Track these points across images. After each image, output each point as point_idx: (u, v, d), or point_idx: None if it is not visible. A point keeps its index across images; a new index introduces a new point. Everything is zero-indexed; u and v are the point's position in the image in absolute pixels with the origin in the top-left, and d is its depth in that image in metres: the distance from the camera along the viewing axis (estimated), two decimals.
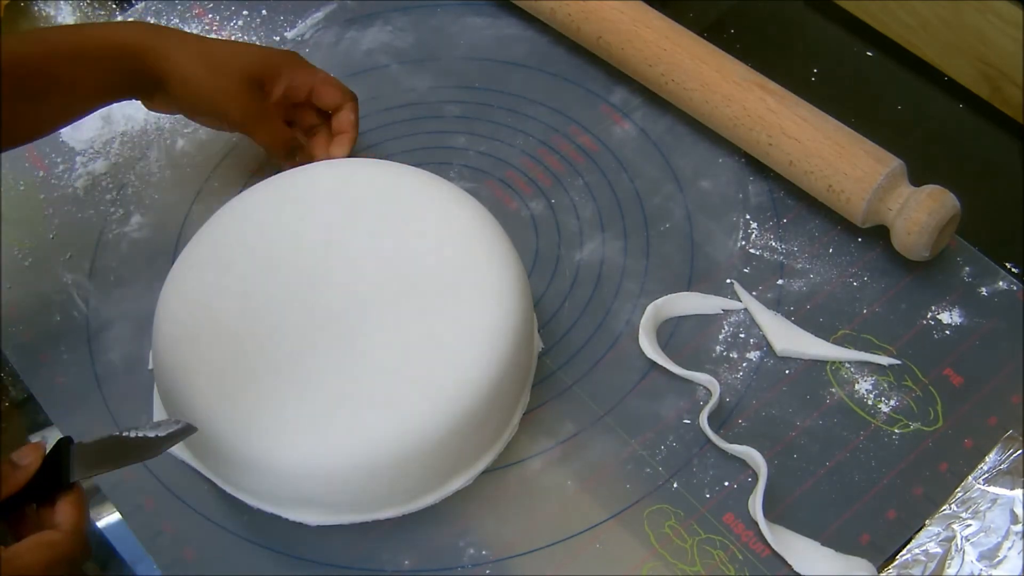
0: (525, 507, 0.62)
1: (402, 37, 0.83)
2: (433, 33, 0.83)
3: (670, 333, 0.68)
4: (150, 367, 0.67)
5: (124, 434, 0.55)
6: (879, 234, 0.69)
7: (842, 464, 0.62)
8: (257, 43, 0.83)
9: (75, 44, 0.65)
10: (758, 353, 0.66)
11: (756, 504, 0.60)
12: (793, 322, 0.67)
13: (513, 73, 0.80)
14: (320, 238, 0.64)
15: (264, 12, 0.85)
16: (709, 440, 0.63)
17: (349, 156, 0.73)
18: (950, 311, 0.67)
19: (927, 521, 0.60)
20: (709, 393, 0.65)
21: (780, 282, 0.69)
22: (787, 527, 0.60)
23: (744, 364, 0.66)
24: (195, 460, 0.63)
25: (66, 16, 0.86)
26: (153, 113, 0.80)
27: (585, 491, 0.62)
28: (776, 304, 0.68)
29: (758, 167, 0.74)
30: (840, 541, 0.60)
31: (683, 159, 0.75)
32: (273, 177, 0.68)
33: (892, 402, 0.64)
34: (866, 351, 0.66)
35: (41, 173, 0.77)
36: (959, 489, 0.60)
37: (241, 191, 0.69)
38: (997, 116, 0.76)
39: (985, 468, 0.61)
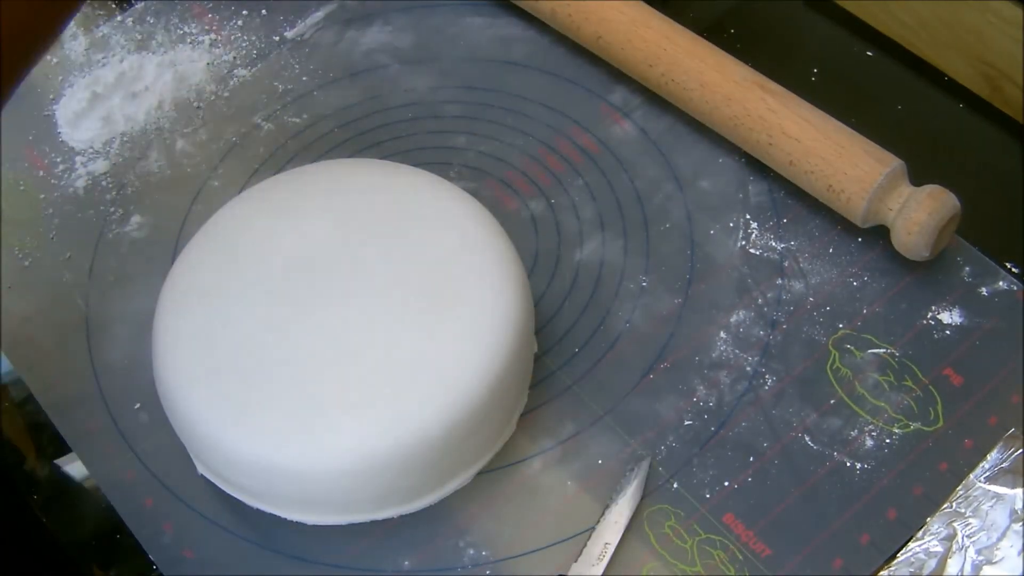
0: (525, 507, 0.62)
1: (402, 37, 0.83)
2: (433, 33, 0.83)
3: (670, 333, 0.68)
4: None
5: None
6: (879, 234, 0.69)
7: (842, 464, 0.62)
8: (257, 42, 0.83)
9: None
10: (758, 353, 0.66)
11: None
12: (792, 321, 0.67)
13: (513, 73, 0.80)
14: (319, 238, 0.64)
15: (264, 12, 0.85)
16: (709, 440, 0.63)
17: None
18: (950, 311, 0.67)
19: (928, 519, 0.60)
20: (709, 394, 0.65)
21: (780, 282, 0.69)
22: (786, 526, 0.60)
23: (744, 364, 0.66)
24: (195, 460, 0.63)
25: None
26: (153, 113, 0.80)
27: (585, 491, 0.62)
28: (776, 303, 0.68)
29: (758, 167, 0.74)
30: (840, 541, 0.60)
31: (683, 159, 0.75)
32: (273, 177, 0.69)
33: (892, 402, 0.64)
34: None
35: (41, 173, 0.77)
36: (960, 487, 0.60)
37: (241, 191, 0.69)
38: (997, 116, 0.76)
39: (987, 466, 0.61)
